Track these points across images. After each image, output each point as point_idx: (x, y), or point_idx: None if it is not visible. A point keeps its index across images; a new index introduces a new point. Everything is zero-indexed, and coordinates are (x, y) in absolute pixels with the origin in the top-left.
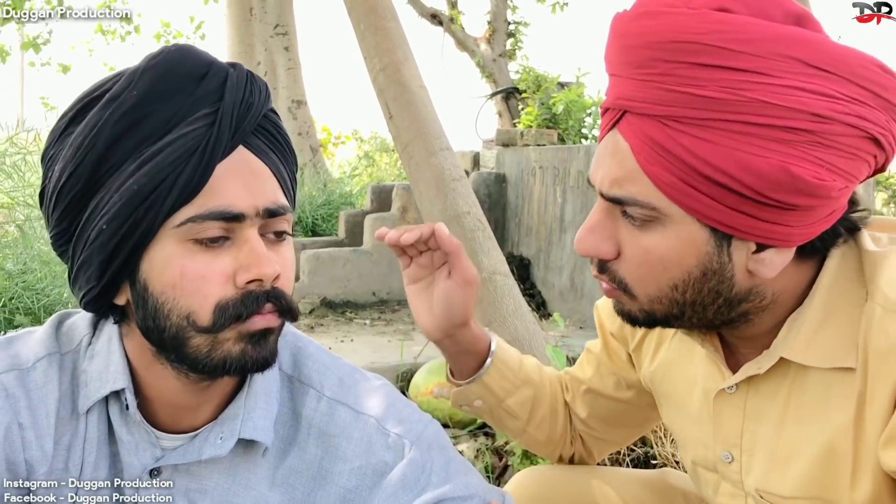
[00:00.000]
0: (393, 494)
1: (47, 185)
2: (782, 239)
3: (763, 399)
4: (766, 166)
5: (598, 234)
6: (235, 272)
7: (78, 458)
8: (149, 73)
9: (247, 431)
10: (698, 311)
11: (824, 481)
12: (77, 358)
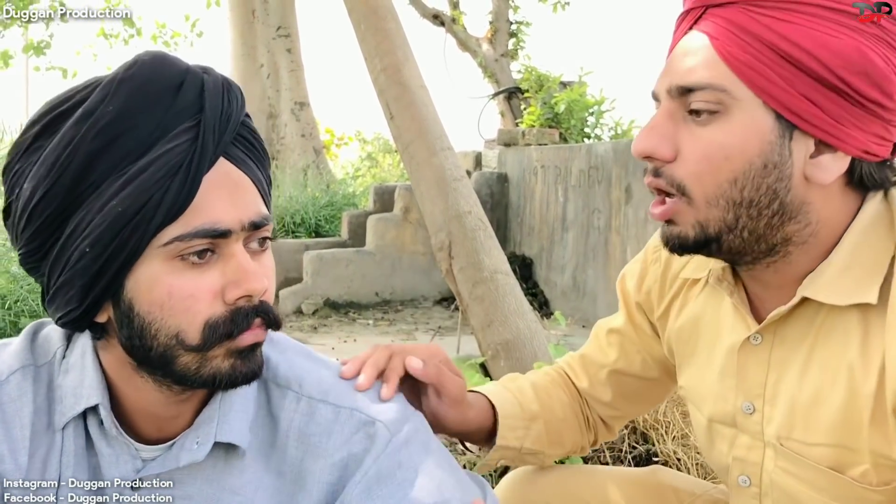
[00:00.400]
0: (367, 489)
1: (15, 203)
2: (841, 139)
3: (787, 349)
4: (842, 46)
5: (660, 132)
6: (223, 288)
7: (55, 472)
8: (125, 85)
9: (222, 434)
10: (752, 217)
11: (846, 428)
12: (52, 371)
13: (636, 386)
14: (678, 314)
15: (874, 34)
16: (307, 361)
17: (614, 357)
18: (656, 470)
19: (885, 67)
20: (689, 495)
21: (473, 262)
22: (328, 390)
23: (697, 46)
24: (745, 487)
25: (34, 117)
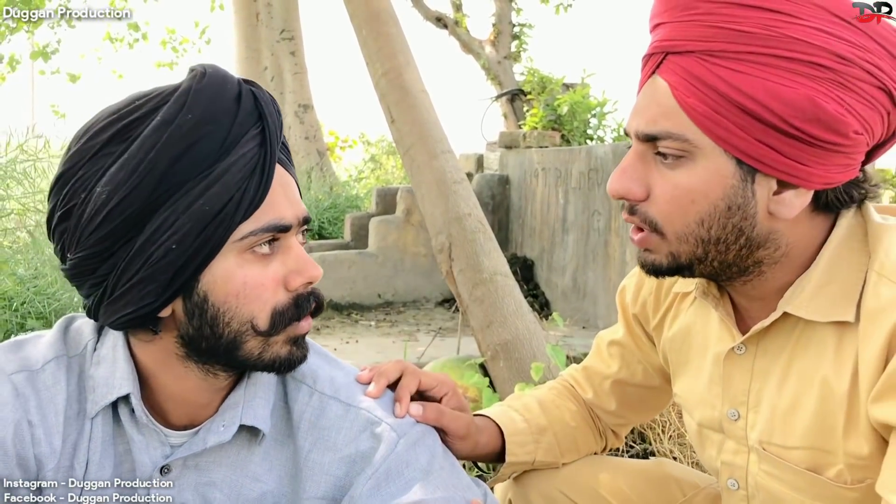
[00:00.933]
0: (376, 486)
1: (79, 208)
2: (802, 178)
3: (769, 359)
4: (794, 95)
5: (630, 175)
6: (285, 277)
7: (83, 457)
8: (201, 94)
9: (247, 418)
10: (721, 252)
11: (821, 432)
12: (83, 362)
13: (639, 394)
14: (671, 325)
15: (827, 78)
16: (322, 360)
17: (616, 368)
18: (661, 462)
19: (836, 111)
20: (693, 487)
21: (473, 264)
22: (339, 388)
23: (660, 94)
24: (734, 490)
25: (97, 127)
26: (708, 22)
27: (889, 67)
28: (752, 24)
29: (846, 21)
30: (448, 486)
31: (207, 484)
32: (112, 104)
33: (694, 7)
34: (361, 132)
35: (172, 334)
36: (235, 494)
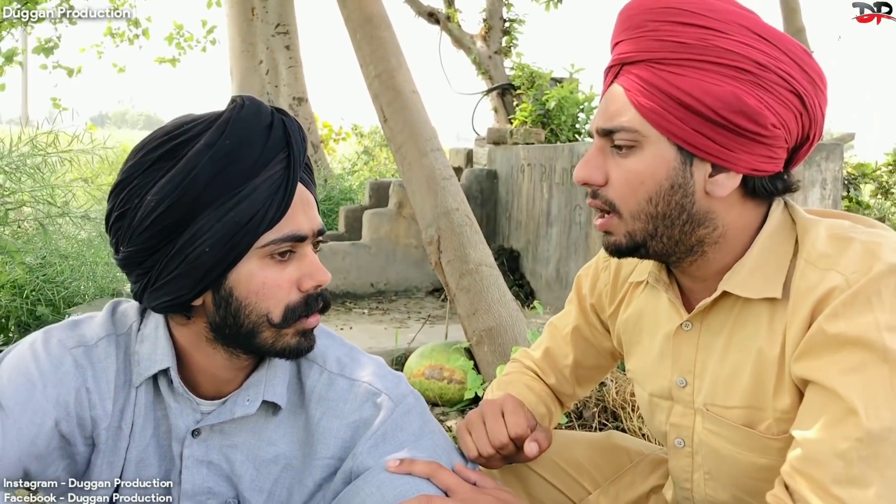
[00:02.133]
0: (374, 445)
1: (132, 212)
2: (731, 162)
3: (712, 333)
4: (722, 91)
5: (592, 164)
6: (299, 280)
7: (129, 419)
8: (238, 124)
9: (269, 395)
10: (668, 227)
11: (755, 393)
12: (129, 339)
13: (590, 374)
14: (625, 310)
15: (749, 80)
16: (331, 342)
17: (573, 355)
18: (611, 434)
19: (758, 105)
20: (638, 454)
21: (460, 256)
22: (345, 367)
23: (617, 97)
24: (680, 448)
25: (151, 145)
26: (655, 37)
27: (799, 76)
28: (690, 37)
29: (763, 37)
30: (435, 447)
31: (230, 446)
32: (165, 125)
33: (644, 25)
34: (354, 124)
35: (203, 320)
36: (253, 455)
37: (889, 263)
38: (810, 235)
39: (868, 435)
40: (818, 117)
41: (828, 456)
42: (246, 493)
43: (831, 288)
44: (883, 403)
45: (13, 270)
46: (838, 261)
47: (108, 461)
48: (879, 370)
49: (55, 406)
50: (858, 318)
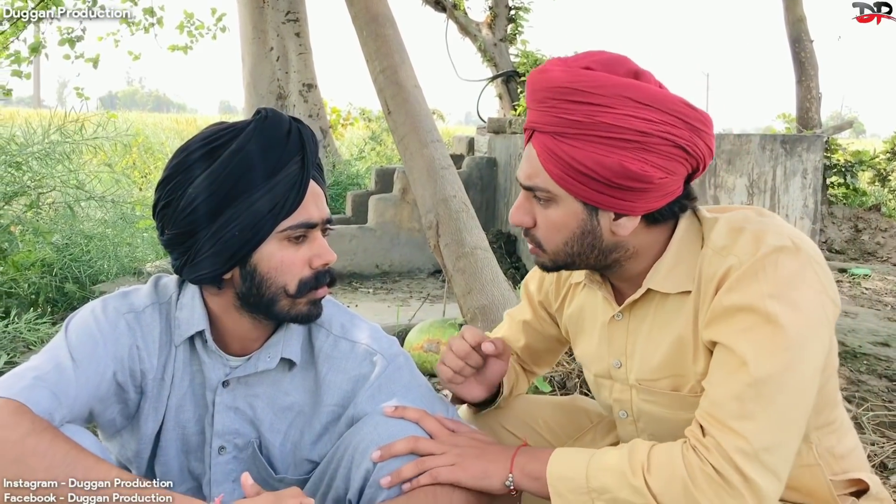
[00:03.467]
0: (371, 396)
1: (176, 202)
2: (628, 209)
3: (638, 321)
4: (610, 161)
5: (523, 211)
6: (311, 259)
7: (171, 372)
8: (262, 132)
9: (286, 353)
10: (584, 259)
11: (677, 363)
12: (170, 307)
13: (542, 356)
14: (569, 306)
15: (633, 147)
16: (337, 310)
17: (525, 340)
18: (575, 398)
19: (641, 169)
20: (598, 416)
21: (457, 240)
22: (347, 331)
23: (532, 158)
24: (624, 419)
25: (192, 147)
26: (553, 113)
27: (680, 130)
28: (580, 114)
29: (645, 104)
30: (421, 398)
31: (253, 395)
32: (203, 131)
33: (545, 101)
34: (362, 108)
35: (231, 291)
36: (272, 403)
37: (771, 245)
38: (713, 231)
39: (755, 380)
40: (704, 155)
41: (725, 398)
42: (266, 434)
43: (728, 268)
44: (766, 356)
45: (42, 250)
46: (733, 248)
47: (153, 406)
48: (764, 329)
49: (113, 360)
50: (747, 289)
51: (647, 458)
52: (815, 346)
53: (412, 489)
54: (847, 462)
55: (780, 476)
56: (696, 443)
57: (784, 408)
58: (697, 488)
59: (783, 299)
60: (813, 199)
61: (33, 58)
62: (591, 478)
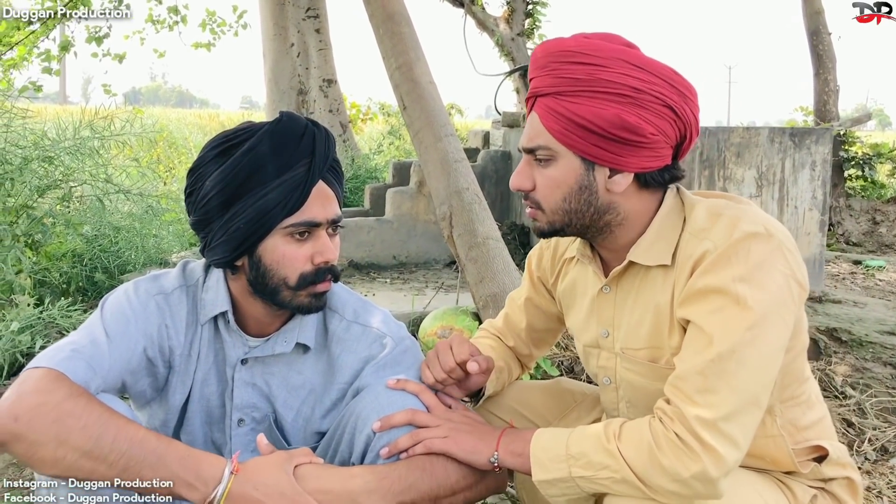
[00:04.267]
0: (375, 371)
1: (198, 192)
2: (623, 165)
3: (624, 294)
4: (608, 114)
5: (523, 175)
6: (312, 255)
7: (196, 349)
8: (274, 134)
9: (301, 337)
10: (579, 218)
11: (656, 336)
12: (196, 290)
13: (543, 336)
14: (563, 280)
15: (629, 102)
16: (350, 297)
17: (527, 321)
18: (560, 380)
19: (637, 121)
20: (582, 395)
21: (469, 230)
22: (359, 316)
23: (534, 122)
24: (608, 385)
25: (213, 144)
26: (556, 75)
27: (669, 92)
28: (581, 73)
29: (639, 66)
30: (426, 377)
31: (269, 373)
32: (227, 130)
33: (548, 66)
34: (381, 103)
35: (244, 278)
36: (286, 381)
37: (744, 231)
38: (693, 213)
39: (718, 356)
40: (691, 120)
41: (691, 373)
42: (280, 409)
43: (704, 251)
44: (731, 334)
45: (74, 241)
46: (710, 232)
47: (180, 380)
48: (732, 310)
49: (143, 336)
50: (720, 273)
51: (620, 428)
52: (778, 326)
53: (408, 458)
54: (811, 432)
55: (739, 444)
56: (661, 413)
57: (745, 382)
58: (661, 452)
59: (752, 282)
60: (822, 190)
61: (63, 56)
62: (571, 445)
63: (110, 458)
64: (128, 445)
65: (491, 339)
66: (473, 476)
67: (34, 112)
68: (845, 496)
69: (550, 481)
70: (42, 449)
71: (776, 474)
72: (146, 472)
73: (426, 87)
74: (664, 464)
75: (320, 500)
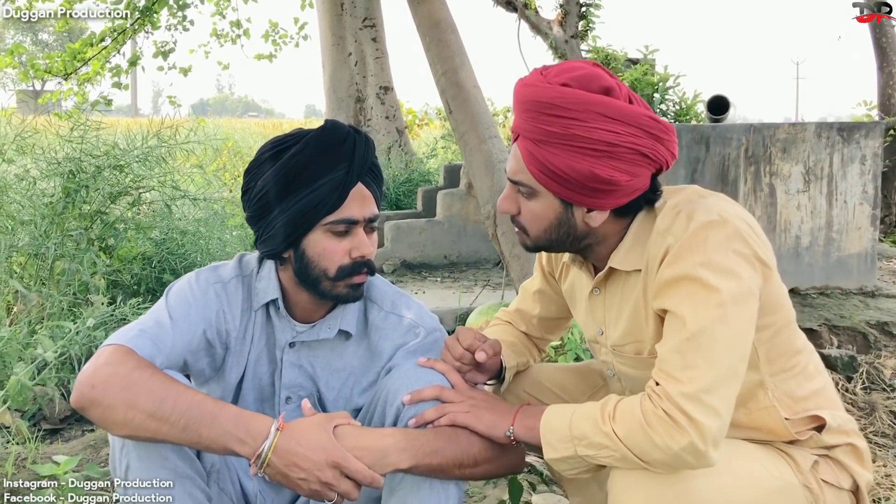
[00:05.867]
0: (405, 356)
1: (251, 191)
2: (599, 205)
3: (610, 296)
4: (581, 167)
5: (510, 200)
6: (350, 250)
7: (250, 333)
8: (318, 140)
9: (344, 325)
10: (561, 243)
11: (636, 330)
12: (251, 279)
13: (555, 323)
14: (564, 281)
15: (602, 156)
16: (389, 289)
17: (539, 309)
18: (590, 362)
19: (609, 174)
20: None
21: (513, 228)
22: (396, 307)
23: (517, 157)
24: (612, 377)
25: (266, 147)
26: (534, 123)
27: (643, 140)
28: (557, 127)
29: (615, 119)
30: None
31: (314, 357)
32: (278, 136)
33: (528, 112)
34: (438, 108)
35: (291, 269)
36: (329, 364)
37: (700, 222)
38: (660, 216)
39: (692, 335)
40: (666, 158)
41: (671, 353)
42: (323, 390)
43: (667, 247)
44: (701, 314)
45: (143, 245)
46: (671, 228)
47: (236, 360)
48: (699, 293)
49: (203, 320)
50: (682, 262)
51: (614, 408)
52: (745, 303)
53: (436, 428)
54: (809, 402)
55: (721, 414)
56: (651, 393)
57: (720, 356)
58: (652, 429)
59: (712, 266)
60: (873, 185)
61: (131, 70)
62: (573, 427)
63: (172, 419)
64: (187, 407)
65: (502, 326)
66: (494, 450)
67: (107, 124)
68: (850, 462)
69: (560, 459)
70: (114, 412)
71: (778, 445)
72: (203, 431)
73: (471, 91)
74: (656, 440)
75: (356, 455)
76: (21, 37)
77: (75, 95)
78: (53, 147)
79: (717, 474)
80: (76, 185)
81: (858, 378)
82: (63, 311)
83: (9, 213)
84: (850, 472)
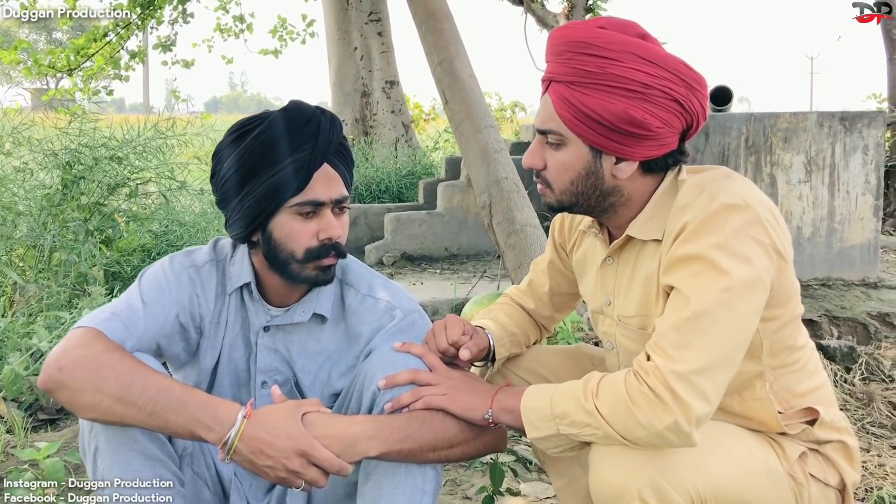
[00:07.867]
0: (384, 339)
1: (218, 173)
2: (628, 155)
3: (623, 265)
4: (616, 108)
5: (535, 154)
6: (317, 232)
7: (224, 317)
8: (281, 121)
9: (318, 308)
10: (586, 198)
11: (645, 304)
12: (225, 263)
13: (564, 300)
14: (577, 250)
15: (636, 97)
16: (366, 272)
17: (549, 284)
18: (580, 346)
19: (643, 116)
20: (599, 359)
21: (508, 218)
22: (373, 290)
23: (547, 105)
24: (610, 350)
25: (232, 130)
26: (569, 64)
27: (677, 86)
28: (593, 65)
29: (649, 61)
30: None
31: (289, 341)
32: (244, 118)
33: (563, 54)
34: None
35: (260, 252)
36: (304, 348)
37: (722, 203)
38: (682, 190)
39: (693, 314)
40: (698, 110)
41: (669, 330)
42: (299, 374)
43: (685, 223)
44: (707, 295)
45: (143, 236)
46: (692, 205)
47: (211, 345)
48: (708, 274)
49: (176, 304)
50: (697, 241)
51: (597, 385)
52: (755, 291)
53: (410, 412)
54: (806, 399)
55: (710, 398)
56: (638, 368)
57: (719, 340)
58: (636, 406)
59: (727, 249)
60: (875, 174)
61: (136, 63)
62: (555, 405)
63: (140, 403)
64: (154, 392)
65: (507, 306)
66: (471, 431)
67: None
68: (838, 459)
69: (543, 438)
70: (82, 395)
71: (769, 434)
72: (171, 416)
73: (466, 80)
74: (639, 418)
75: (324, 443)
76: (35, 35)
77: (80, 91)
78: (50, 139)
79: (699, 451)
80: (73, 176)
81: (857, 369)
82: (62, 302)
83: (6, 204)
84: (838, 469)
